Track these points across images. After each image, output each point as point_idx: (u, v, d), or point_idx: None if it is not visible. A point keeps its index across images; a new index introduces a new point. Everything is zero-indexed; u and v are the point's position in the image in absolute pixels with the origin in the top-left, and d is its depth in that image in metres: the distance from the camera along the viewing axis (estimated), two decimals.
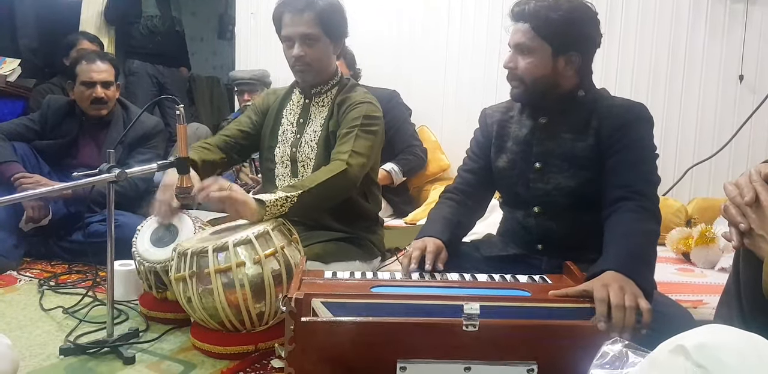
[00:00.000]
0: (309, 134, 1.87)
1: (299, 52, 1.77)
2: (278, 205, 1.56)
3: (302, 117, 1.91)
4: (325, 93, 1.89)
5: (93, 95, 2.41)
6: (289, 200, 1.58)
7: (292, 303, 1.11)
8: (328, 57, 1.84)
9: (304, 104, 1.92)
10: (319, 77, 1.86)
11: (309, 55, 1.78)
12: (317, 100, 1.90)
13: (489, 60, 3.20)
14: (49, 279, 2.11)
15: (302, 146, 1.87)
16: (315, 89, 1.89)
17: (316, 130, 1.87)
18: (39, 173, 2.32)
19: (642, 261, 1.28)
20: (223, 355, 1.49)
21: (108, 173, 1.45)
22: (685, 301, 1.71)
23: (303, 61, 1.79)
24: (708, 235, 2.26)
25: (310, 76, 1.84)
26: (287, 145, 1.90)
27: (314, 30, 1.76)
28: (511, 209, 1.62)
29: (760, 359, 0.76)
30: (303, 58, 1.78)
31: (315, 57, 1.80)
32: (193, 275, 1.46)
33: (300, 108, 1.92)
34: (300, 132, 1.89)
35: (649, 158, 1.44)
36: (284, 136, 1.92)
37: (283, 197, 1.57)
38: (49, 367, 1.43)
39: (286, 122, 1.93)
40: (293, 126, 1.91)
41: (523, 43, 1.43)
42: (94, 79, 2.41)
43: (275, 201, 1.56)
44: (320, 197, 1.64)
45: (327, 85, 1.89)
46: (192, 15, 5.58)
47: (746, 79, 2.77)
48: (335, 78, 1.90)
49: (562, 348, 1.09)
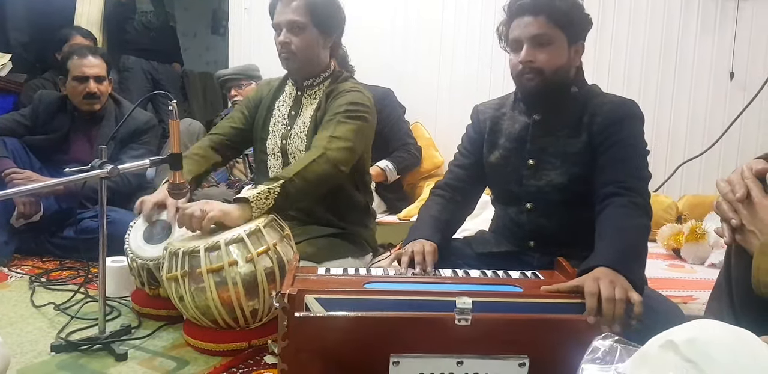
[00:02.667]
0: (299, 125, 1.88)
1: (284, 38, 1.79)
2: (262, 199, 1.55)
3: (293, 109, 1.91)
4: (317, 85, 1.89)
5: (86, 90, 2.40)
6: (273, 192, 1.56)
7: (286, 300, 1.11)
8: (315, 48, 1.83)
9: (296, 96, 1.92)
10: (305, 68, 1.85)
11: (294, 43, 1.79)
12: (309, 92, 1.90)
13: (483, 57, 3.19)
14: (41, 276, 2.11)
15: (292, 138, 1.87)
16: (307, 81, 1.89)
17: (306, 121, 1.86)
18: (30, 169, 2.31)
19: (633, 257, 1.29)
20: (216, 352, 1.49)
21: (100, 168, 1.44)
22: (675, 297, 1.73)
23: (288, 48, 1.79)
24: (698, 231, 2.28)
25: (294, 64, 1.83)
26: (278, 136, 1.90)
27: (301, 18, 1.77)
28: (504, 205, 1.63)
29: (749, 354, 0.77)
30: (288, 45, 1.79)
31: (300, 45, 1.79)
32: (185, 274, 1.45)
33: (292, 100, 1.92)
34: (291, 124, 1.89)
35: (639, 154, 1.45)
36: (275, 127, 1.92)
37: (265, 189, 1.56)
38: (40, 364, 1.43)
39: (278, 113, 1.93)
40: (284, 118, 1.91)
41: (542, 34, 1.43)
42: (87, 73, 2.40)
43: (257, 195, 1.54)
44: (304, 184, 1.61)
45: (319, 78, 1.88)
46: (185, 10, 5.55)
47: (737, 77, 2.79)
48: (327, 71, 1.89)
49: (553, 342, 1.10)
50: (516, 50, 1.47)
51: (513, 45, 1.48)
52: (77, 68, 2.40)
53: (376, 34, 3.40)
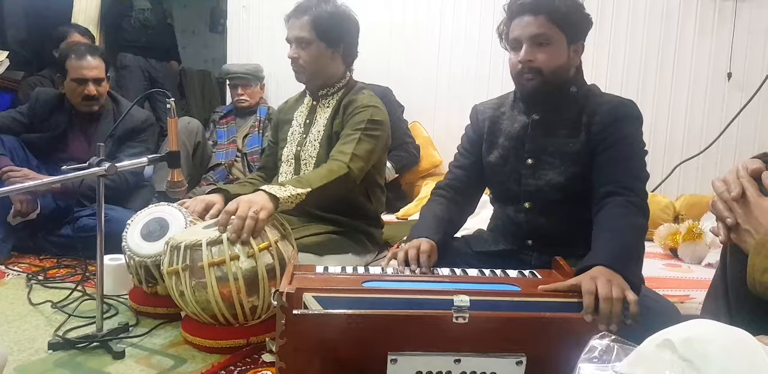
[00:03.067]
0: (313, 133, 1.94)
1: (292, 54, 1.88)
2: (289, 202, 1.58)
3: (309, 118, 1.98)
4: (331, 95, 1.96)
5: (85, 93, 2.38)
6: (299, 198, 1.60)
7: (284, 298, 1.11)
8: (322, 60, 1.88)
9: (311, 106, 1.99)
10: (315, 80, 1.92)
11: (302, 57, 1.87)
12: (323, 101, 1.97)
13: (481, 55, 3.20)
14: (38, 274, 2.10)
15: (306, 145, 1.94)
16: (322, 91, 1.96)
17: (320, 130, 1.93)
18: (27, 167, 2.30)
19: (630, 256, 1.29)
20: (214, 349, 1.49)
21: (98, 166, 1.44)
22: (672, 296, 1.73)
23: (296, 63, 1.89)
24: (695, 231, 2.29)
25: (303, 77, 1.92)
26: (294, 144, 1.97)
27: (306, 34, 1.84)
28: (502, 204, 1.63)
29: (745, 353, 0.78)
30: (296, 60, 1.88)
31: (307, 59, 1.87)
32: (186, 268, 1.46)
33: (308, 109, 2.00)
34: (306, 132, 1.96)
35: (638, 154, 1.46)
36: (292, 136, 1.99)
37: (294, 194, 1.58)
38: (37, 362, 1.43)
39: (296, 123, 2.01)
40: (301, 127, 1.99)
41: (542, 34, 1.43)
42: (86, 76, 2.37)
43: (288, 198, 1.57)
44: (322, 196, 1.68)
45: (333, 88, 1.95)
46: (183, 8, 5.54)
47: (734, 77, 2.80)
48: (342, 81, 1.95)
49: (550, 340, 1.10)
50: (516, 50, 1.48)
51: (513, 44, 1.48)
52: (76, 70, 2.37)
53: (375, 33, 3.39)
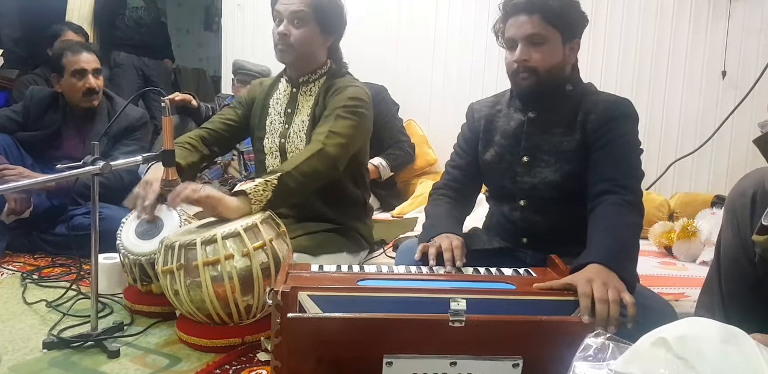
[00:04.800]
0: (297, 124, 1.86)
1: (283, 29, 1.75)
2: (260, 191, 1.54)
3: (290, 107, 1.89)
4: (312, 82, 1.87)
5: (86, 85, 2.37)
6: (270, 184, 1.56)
7: (279, 297, 1.11)
8: (313, 44, 1.80)
9: (291, 93, 1.90)
10: (300, 62, 1.83)
11: (293, 35, 1.75)
12: (305, 89, 1.88)
13: (476, 54, 3.20)
14: (32, 272, 2.09)
15: (291, 137, 1.86)
16: (302, 78, 1.86)
17: (304, 120, 1.85)
18: (22, 165, 2.29)
19: (625, 254, 1.29)
20: (209, 348, 1.48)
21: (92, 165, 1.43)
22: (666, 294, 1.74)
23: (286, 40, 1.76)
24: (690, 229, 2.29)
25: (289, 57, 1.79)
26: (275, 135, 1.89)
27: (305, 8, 1.74)
28: (497, 202, 1.63)
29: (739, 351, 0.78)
30: (286, 37, 1.75)
31: (299, 39, 1.75)
32: (180, 267, 1.45)
33: (287, 98, 1.90)
34: (288, 122, 1.87)
35: (633, 152, 1.46)
36: (272, 126, 1.90)
37: (263, 181, 1.56)
38: (32, 361, 1.42)
39: (273, 111, 1.91)
40: (281, 116, 1.89)
41: (537, 33, 1.43)
42: (86, 67, 2.36)
43: (255, 187, 1.54)
44: (302, 178, 1.61)
45: (315, 75, 1.86)
46: (178, 6, 5.53)
47: (729, 75, 2.81)
48: (324, 68, 1.87)
49: (547, 343, 1.10)
50: (511, 49, 1.48)
51: (508, 44, 1.49)
52: (75, 63, 2.36)
53: (370, 32, 3.39)
